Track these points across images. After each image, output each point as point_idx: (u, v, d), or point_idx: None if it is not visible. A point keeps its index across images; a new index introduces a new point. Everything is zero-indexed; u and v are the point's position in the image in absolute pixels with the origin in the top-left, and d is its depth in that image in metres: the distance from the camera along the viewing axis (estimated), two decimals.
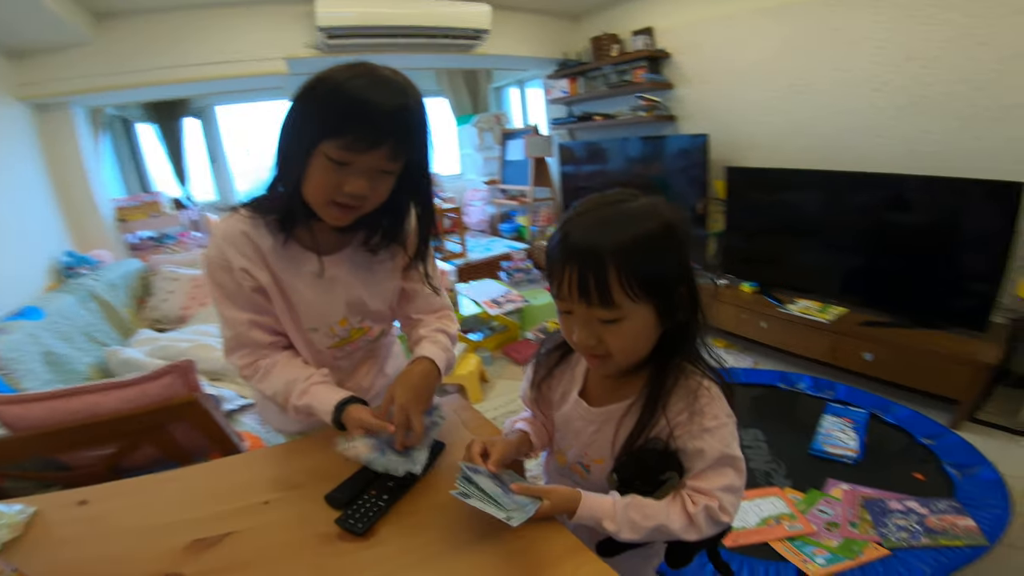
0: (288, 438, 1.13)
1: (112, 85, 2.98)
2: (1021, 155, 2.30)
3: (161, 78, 3.09)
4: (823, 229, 2.83)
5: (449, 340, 1.01)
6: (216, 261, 0.85)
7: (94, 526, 0.76)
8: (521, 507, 0.66)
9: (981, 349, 2.17)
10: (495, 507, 0.64)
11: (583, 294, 0.63)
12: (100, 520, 0.77)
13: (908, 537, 1.42)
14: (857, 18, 2.73)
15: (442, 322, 1.04)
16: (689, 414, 0.70)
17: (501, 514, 0.63)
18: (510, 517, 0.63)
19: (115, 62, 2.97)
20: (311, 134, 0.73)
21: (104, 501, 0.82)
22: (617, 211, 0.65)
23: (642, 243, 0.63)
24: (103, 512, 0.79)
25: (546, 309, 3.57)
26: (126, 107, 4.18)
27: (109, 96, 3.29)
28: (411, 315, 1.05)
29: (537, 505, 0.67)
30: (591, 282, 0.62)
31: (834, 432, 1.96)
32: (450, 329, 1.04)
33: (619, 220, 0.64)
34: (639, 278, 0.62)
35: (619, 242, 0.62)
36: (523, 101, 5.65)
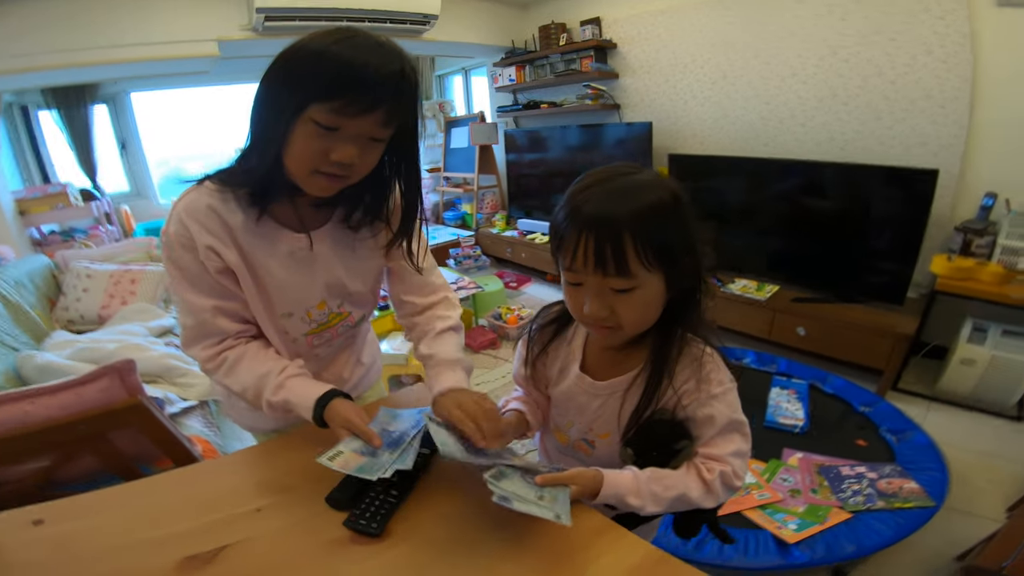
0: (262, 437, 1.05)
1: (10, 69, 2.63)
2: (926, 144, 2.55)
3: (73, 60, 2.76)
4: (757, 212, 2.98)
5: (455, 335, 0.94)
6: (177, 238, 0.75)
7: (61, 549, 0.66)
8: (556, 499, 0.64)
9: (900, 322, 2.38)
10: (539, 507, 0.61)
11: (599, 263, 0.63)
12: (67, 542, 0.67)
13: (864, 501, 1.53)
14: (785, 13, 2.90)
15: (445, 313, 0.97)
16: (696, 381, 0.72)
17: (549, 514, 0.61)
18: (559, 515, 0.61)
19: (14, 43, 2.62)
20: (298, 97, 0.66)
21: (65, 520, 0.71)
22: (628, 182, 0.65)
23: (656, 212, 0.63)
24: (67, 533, 0.69)
25: (498, 296, 3.56)
26: (24, 92, 3.72)
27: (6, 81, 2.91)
28: (402, 296, 0.98)
29: (568, 493, 0.65)
30: (608, 252, 0.62)
31: (782, 403, 2.09)
32: (452, 319, 0.96)
33: (632, 190, 0.64)
34: (653, 247, 0.62)
35: (635, 211, 0.62)
36: (467, 89, 5.58)
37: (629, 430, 0.75)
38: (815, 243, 2.77)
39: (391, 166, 0.81)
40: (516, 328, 3.18)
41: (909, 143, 2.60)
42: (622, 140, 3.70)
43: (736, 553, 1.39)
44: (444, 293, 1.00)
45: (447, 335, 0.93)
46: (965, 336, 2.29)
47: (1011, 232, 2.27)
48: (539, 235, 4.29)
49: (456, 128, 5.15)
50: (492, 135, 4.62)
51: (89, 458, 1.29)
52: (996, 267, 2.23)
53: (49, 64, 2.74)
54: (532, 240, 4.25)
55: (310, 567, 0.62)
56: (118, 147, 4.41)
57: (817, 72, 2.85)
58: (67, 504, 0.75)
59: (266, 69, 0.69)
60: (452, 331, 0.94)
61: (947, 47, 2.39)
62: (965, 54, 2.34)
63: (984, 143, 2.42)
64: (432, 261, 1.00)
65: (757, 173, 2.96)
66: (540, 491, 0.65)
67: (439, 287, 1.00)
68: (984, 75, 2.35)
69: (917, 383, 2.51)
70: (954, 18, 2.34)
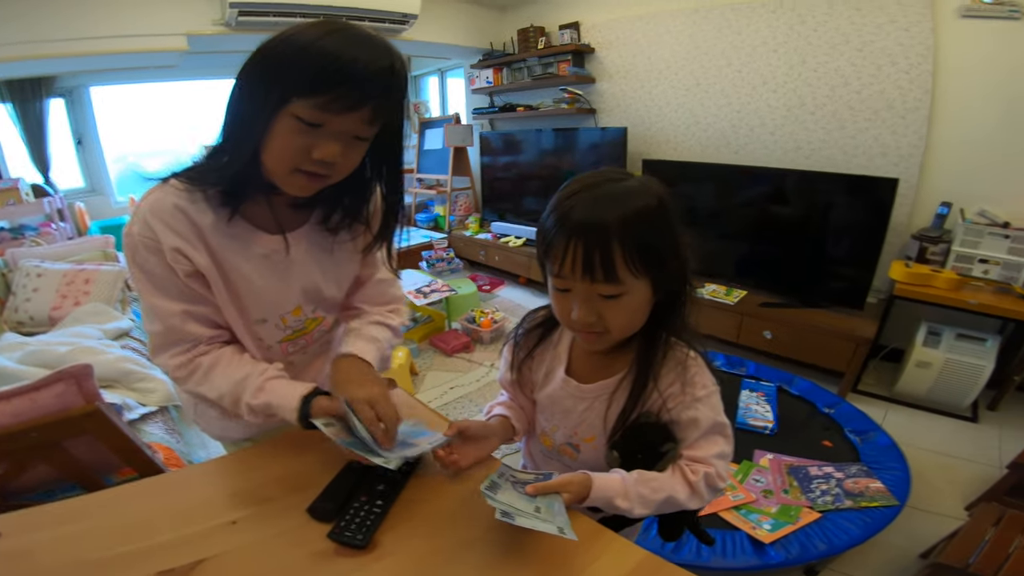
0: (231, 446, 1.00)
1: None
2: (887, 154, 2.66)
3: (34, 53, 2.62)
4: (726, 218, 3.05)
5: (386, 331, 0.93)
6: (141, 240, 0.71)
7: (21, 565, 0.61)
8: (552, 510, 0.63)
9: (860, 326, 2.47)
10: (542, 522, 0.60)
11: (587, 270, 0.63)
12: (27, 557, 0.62)
13: (833, 500, 1.58)
14: (757, 22, 2.98)
15: (385, 316, 0.95)
16: (681, 385, 0.72)
17: (552, 528, 0.59)
18: (562, 529, 0.59)
19: None
20: (280, 91, 0.62)
21: (25, 533, 0.66)
22: (615, 188, 0.65)
23: (643, 218, 0.63)
24: (29, 546, 0.64)
25: (471, 299, 3.54)
26: None
27: None
28: (355, 304, 0.96)
29: (562, 503, 0.64)
30: (596, 258, 0.62)
31: (752, 405, 2.14)
32: (392, 321, 0.95)
33: (620, 197, 0.64)
34: (641, 253, 0.63)
35: (623, 218, 0.62)
36: (443, 90, 5.54)
37: (614, 433, 0.75)
38: (781, 249, 2.85)
39: (373, 166, 0.78)
40: (489, 331, 3.16)
41: (871, 152, 2.71)
42: (597, 145, 3.73)
43: (714, 554, 1.41)
44: (397, 305, 0.99)
45: (379, 327, 0.92)
46: (921, 340, 2.40)
47: (964, 240, 2.40)
48: (513, 238, 4.28)
49: (430, 129, 5.10)
50: (467, 137, 4.59)
51: (44, 467, 1.22)
52: (950, 273, 2.34)
53: (8, 56, 2.59)
54: (506, 243, 4.25)
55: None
56: (74, 142, 4.20)
57: (787, 81, 2.93)
58: (29, 515, 0.70)
59: (245, 61, 0.65)
60: (386, 327, 0.93)
61: (910, 58, 2.49)
62: (927, 65, 2.45)
63: (941, 154, 2.54)
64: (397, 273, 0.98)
65: (727, 180, 3.03)
66: (534, 502, 0.64)
67: (395, 299, 0.98)
68: (944, 86, 2.45)
69: (876, 385, 2.62)
70: (919, 29, 2.44)
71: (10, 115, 3.72)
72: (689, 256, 0.69)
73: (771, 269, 2.92)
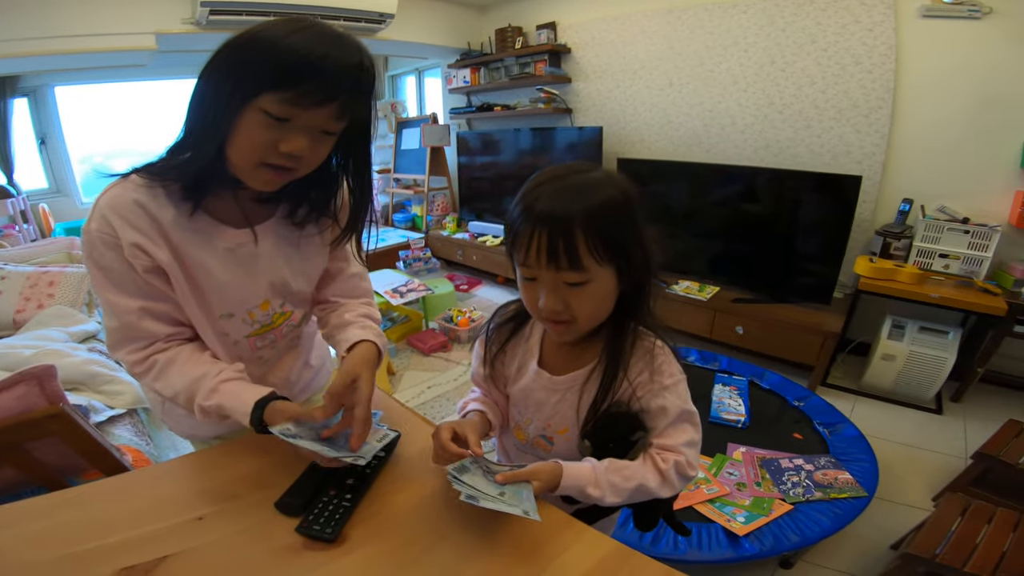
0: (200, 445, 0.99)
1: None
2: (851, 152, 2.74)
3: None
4: (699, 216, 3.11)
5: (371, 321, 0.93)
6: (99, 236, 0.70)
7: None
8: (519, 495, 0.64)
9: (827, 320, 2.54)
10: (506, 504, 0.61)
11: (552, 258, 0.64)
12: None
13: (803, 492, 1.62)
14: (729, 23, 3.04)
15: (367, 308, 0.96)
16: (649, 373, 0.74)
17: (517, 510, 0.60)
18: (526, 511, 0.61)
19: None
20: (248, 86, 0.62)
21: None
22: (580, 180, 0.67)
23: (606, 208, 0.65)
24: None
25: (448, 298, 3.54)
26: None
27: None
28: (330, 298, 0.95)
29: (530, 489, 0.65)
30: (560, 246, 0.63)
31: (725, 400, 2.18)
32: (375, 315, 0.96)
33: (584, 188, 0.66)
34: (603, 241, 0.64)
35: (586, 208, 0.64)
36: (420, 90, 5.51)
37: (587, 424, 0.77)
38: (752, 246, 2.91)
39: (342, 159, 0.78)
40: (467, 331, 3.16)
41: (836, 151, 2.79)
42: (573, 144, 3.76)
43: (690, 547, 1.43)
44: (371, 299, 0.99)
45: (370, 317, 0.93)
46: (886, 333, 2.47)
47: (925, 236, 2.49)
48: (490, 237, 4.29)
49: (408, 129, 5.08)
50: (444, 137, 4.58)
51: (8, 470, 1.18)
52: (912, 268, 2.42)
53: None
54: (483, 243, 4.25)
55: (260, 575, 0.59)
56: (37, 143, 4.07)
57: (756, 81, 3.00)
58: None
59: (211, 56, 0.65)
60: (372, 319, 0.93)
61: (873, 58, 2.56)
62: (889, 64, 2.53)
63: (902, 151, 2.63)
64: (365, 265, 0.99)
65: (699, 178, 3.09)
66: (501, 488, 0.65)
67: (366, 292, 0.99)
68: (905, 85, 2.54)
69: (844, 378, 2.69)
70: (882, 29, 2.51)
71: None
72: (654, 249, 0.71)
73: (742, 265, 2.98)
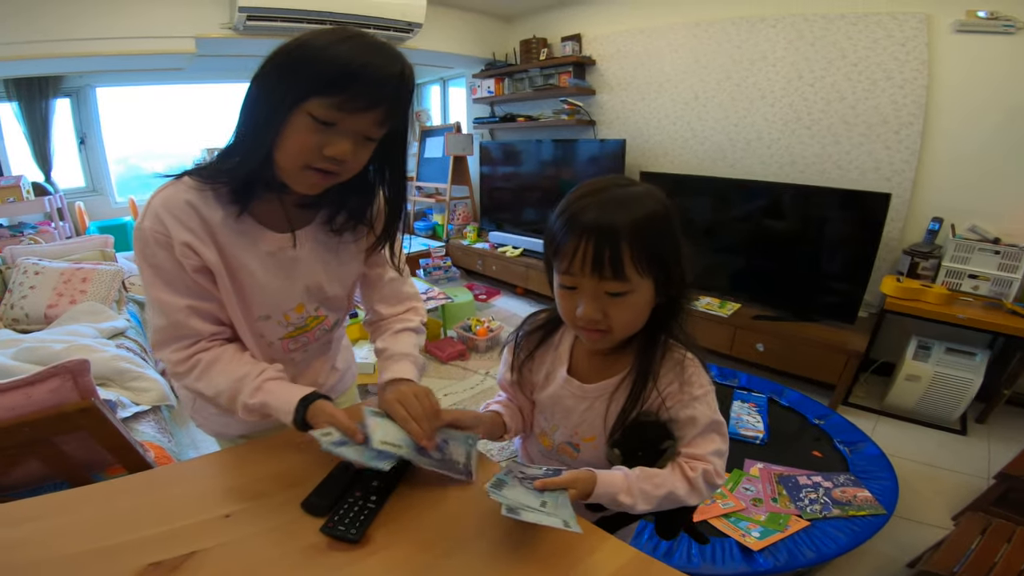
0: (226, 443, 1.01)
1: None
2: (880, 169, 2.70)
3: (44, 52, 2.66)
4: (722, 231, 3.08)
5: (411, 336, 0.96)
6: (152, 235, 0.72)
7: (8, 556, 0.61)
8: (558, 504, 0.64)
9: (851, 339, 2.49)
10: (547, 516, 0.61)
11: (596, 267, 0.66)
12: (15, 549, 0.62)
13: (821, 509, 1.60)
14: (757, 37, 3.03)
15: (408, 317, 0.98)
16: (679, 384, 0.75)
17: (558, 522, 0.61)
18: (567, 522, 0.61)
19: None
20: (298, 90, 0.66)
21: (12, 525, 0.66)
22: (623, 193, 0.69)
23: (651, 221, 0.67)
24: (16, 538, 0.64)
25: (467, 307, 3.55)
26: None
27: None
28: (374, 305, 0.98)
29: (567, 498, 0.66)
30: (606, 256, 0.65)
31: (743, 416, 2.16)
32: (413, 322, 0.98)
33: (628, 200, 0.68)
34: (647, 254, 0.66)
35: (632, 219, 0.65)
36: (444, 99, 5.58)
37: (614, 432, 0.77)
38: (775, 263, 2.88)
39: (378, 170, 0.81)
40: (485, 340, 3.17)
41: (865, 167, 2.75)
42: (596, 157, 3.77)
43: (703, 561, 1.42)
44: (413, 303, 1.01)
45: (404, 334, 0.95)
46: (911, 353, 2.42)
47: (955, 256, 2.43)
48: (510, 248, 4.30)
49: (431, 138, 5.14)
50: (467, 146, 4.63)
51: (35, 463, 1.21)
52: (941, 288, 2.37)
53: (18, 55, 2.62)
54: (503, 253, 4.27)
55: (285, 574, 0.60)
56: (77, 142, 4.22)
57: (784, 95, 2.97)
58: (16, 508, 0.70)
59: (262, 62, 0.68)
60: (410, 331, 0.96)
61: (905, 73, 2.53)
62: (922, 80, 2.49)
63: (933, 169, 2.58)
64: (407, 271, 1.00)
65: (723, 193, 3.07)
66: (541, 496, 0.65)
67: (410, 296, 1.00)
68: (937, 101, 2.49)
69: (866, 397, 2.64)
70: (914, 44, 2.48)
71: (15, 113, 3.74)
72: (687, 267, 0.72)
73: (765, 282, 2.94)
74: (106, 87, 4.19)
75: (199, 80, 4.50)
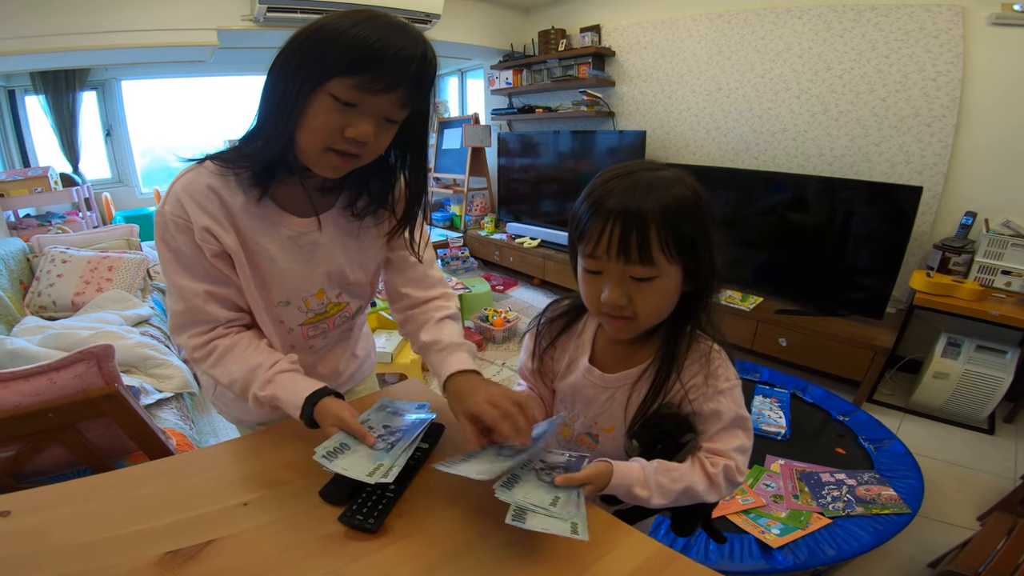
0: (246, 430, 1.02)
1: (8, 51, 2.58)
2: (911, 162, 2.62)
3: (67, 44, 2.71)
4: (744, 224, 3.02)
5: (454, 325, 0.92)
6: (172, 220, 0.72)
7: (29, 543, 0.61)
8: (569, 501, 0.62)
9: (878, 335, 2.43)
10: (552, 520, 0.59)
11: (622, 251, 0.64)
12: (35, 535, 0.63)
13: (844, 507, 1.56)
14: (782, 28, 2.96)
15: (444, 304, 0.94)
16: (704, 376, 0.73)
17: (565, 526, 0.58)
18: (575, 526, 0.58)
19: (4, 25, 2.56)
20: (320, 71, 0.64)
21: (33, 512, 0.67)
22: (651, 177, 0.67)
23: (680, 205, 0.65)
24: (36, 525, 0.64)
25: (484, 298, 3.55)
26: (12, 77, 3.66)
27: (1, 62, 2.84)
28: (401, 289, 0.95)
29: (582, 498, 0.64)
30: (633, 239, 0.63)
31: (765, 411, 2.12)
32: (451, 309, 0.94)
33: (656, 184, 0.65)
34: (675, 238, 0.64)
35: (660, 202, 0.63)
36: (462, 90, 5.57)
37: (635, 424, 0.75)
38: (800, 256, 2.81)
39: (399, 154, 0.80)
40: (502, 330, 3.17)
41: (895, 160, 2.67)
42: (615, 148, 3.72)
43: (721, 557, 1.40)
44: (443, 288, 0.98)
45: (447, 322, 0.91)
46: (940, 350, 2.35)
47: (988, 251, 2.35)
48: (528, 239, 4.28)
49: (449, 129, 5.14)
50: (485, 138, 4.61)
51: (58, 449, 1.23)
52: (973, 284, 2.29)
53: (41, 48, 2.68)
54: (521, 244, 4.25)
55: (303, 563, 0.59)
56: (103, 134, 4.31)
57: (811, 87, 2.90)
58: (36, 494, 0.70)
59: (283, 46, 0.67)
60: (451, 319, 0.93)
61: (939, 66, 2.45)
62: (956, 72, 2.41)
63: (967, 162, 2.49)
64: (432, 255, 0.98)
65: (747, 185, 3.01)
66: (555, 492, 0.63)
67: (438, 281, 0.98)
68: (971, 94, 2.41)
69: (892, 395, 2.57)
70: (948, 36, 2.40)
71: (42, 106, 3.83)
72: (718, 254, 0.69)
73: (789, 276, 2.88)
74: (131, 80, 4.28)
75: (221, 73, 4.57)
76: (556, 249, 4.01)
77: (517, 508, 0.59)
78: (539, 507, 0.60)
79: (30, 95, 3.88)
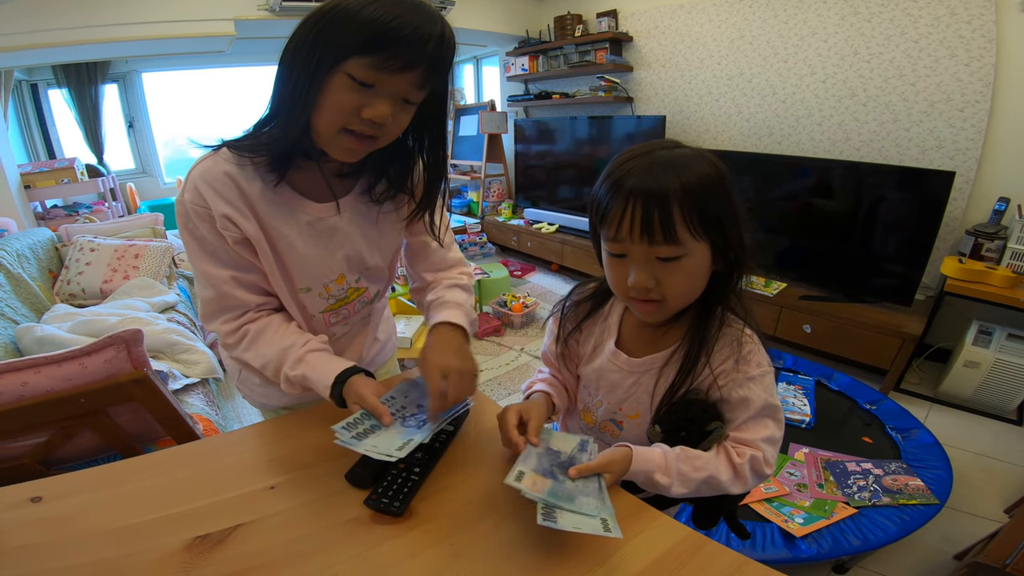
0: (270, 414, 1.03)
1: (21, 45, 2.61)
2: (942, 147, 2.53)
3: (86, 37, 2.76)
4: (767, 209, 2.95)
5: (460, 292, 0.93)
6: (192, 208, 0.72)
7: (60, 529, 0.63)
8: (591, 493, 0.61)
9: (907, 323, 2.37)
10: (583, 517, 0.57)
11: (646, 231, 0.62)
12: (67, 521, 0.64)
13: (870, 497, 1.53)
14: (806, 12, 2.88)
15: (457, 276, 0.96)
16: (735, 361, 0.70)
17: (595, 522, 0.56)
18: (605, 522, 0.56)
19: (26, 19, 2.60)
20: (336, 51, 0.63)
21: (64, 497, 0.68)
22: (671, 155, 0.65)
23: (702, 182, 0.62)
24: (67, 510, 0.65)
25: (502, 283, 3.55)
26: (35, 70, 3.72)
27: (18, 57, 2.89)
28: (423, 274, 0.96)
29: (605, 489, 0.62)
30: (655, 219, 0.61)
31: (789, 399, 2.08)
32: (462, 280, 0.95)
33: (676, 162, 0.63)
34: (699, 214, 0.62)
35: (683, 181, 0.61)
36: (478, 77, 5.53)
37: (660, 410, 0.74)
38: (826, 242, 2.74)
39: (417, 136, 0.78)
40: (520, 316, 3.16)
41: (925, 145, 2.58)
42: (633, 134, 3.66)
43: (743, 545, 1.38)
44: (461, 267, 0.98)
45: (455, 289, 0.93)
46: (971, 338, 2.29)
47: (1021, 237, 2.26)
48: (545, 225, 4.26)
49: (465, 116, 5.11)
50: (502, 124, 4.58)
51: (88, 436, 1.26)
52: (1006, 271, 2.21)
53: (62, 41, 2.72)
54: (538, 230, 4.23)
55: (329, 546, 0.60)
56: (126, 126, 4.39)
57: (837, 72, 2.83)
58: (67, 480, 0.71)
59: (296, 28, 0.66)
60: (459, 288, 0.94)
61: (971, 51, 2.37)
62: (989, 58, 2.33)
63: (1000, 148, 2.40)
64: (452, 237, 0.98)
65: (770, 170, 2.93)
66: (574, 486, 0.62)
67: (457, 262, 0.98)
68: (1005, 79, 2.33)
69: (920, 384, 2.52)
70: (980, 22, 2.33)
71: (66, 99, 3.91)
72: (746, 229, 0.67)
73: (813, 262, 2.82)
74: (151, 72, 4.33)
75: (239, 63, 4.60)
76: (574, 234, 3.98)
77: (546, 507, 0.58)
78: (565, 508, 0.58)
79: (53, 88, 3.96)
